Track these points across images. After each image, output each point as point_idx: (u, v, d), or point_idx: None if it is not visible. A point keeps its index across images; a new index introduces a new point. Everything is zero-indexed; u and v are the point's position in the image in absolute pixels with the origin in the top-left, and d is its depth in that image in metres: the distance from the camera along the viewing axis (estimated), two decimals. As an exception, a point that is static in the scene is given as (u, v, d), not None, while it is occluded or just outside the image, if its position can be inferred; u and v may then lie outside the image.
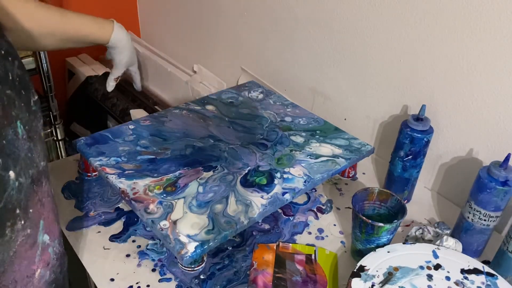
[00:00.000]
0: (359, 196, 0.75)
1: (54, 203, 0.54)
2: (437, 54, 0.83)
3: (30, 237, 0.47)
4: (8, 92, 0.43)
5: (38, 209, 0.49)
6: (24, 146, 0.45)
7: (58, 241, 0.56)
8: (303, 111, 0.99)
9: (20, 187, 0.44)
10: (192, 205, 0.72)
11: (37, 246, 0.50)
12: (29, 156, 0.46)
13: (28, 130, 0.46)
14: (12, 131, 0.43)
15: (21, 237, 0.46)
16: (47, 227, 0.51)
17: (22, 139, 0.45)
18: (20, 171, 0.44)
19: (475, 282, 0.64)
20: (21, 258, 0.47)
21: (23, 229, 0.46)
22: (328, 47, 1.02)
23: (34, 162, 0.48)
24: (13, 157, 0.43)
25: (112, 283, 0.68)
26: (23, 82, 0.46)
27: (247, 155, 0.84)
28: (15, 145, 0.44)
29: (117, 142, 0.84)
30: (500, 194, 0.70)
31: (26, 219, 0.46)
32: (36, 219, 0.48)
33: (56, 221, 0.55)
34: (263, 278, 0.70)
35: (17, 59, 0.46)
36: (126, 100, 1.50)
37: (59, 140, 1.39)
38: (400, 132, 0.83)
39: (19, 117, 0.45)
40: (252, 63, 1.26)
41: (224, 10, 1.28)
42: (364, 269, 0.66)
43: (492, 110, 0.79)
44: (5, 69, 0.43)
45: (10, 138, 0.43)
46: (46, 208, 0.51)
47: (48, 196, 0.52)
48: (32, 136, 0.47)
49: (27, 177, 0.46)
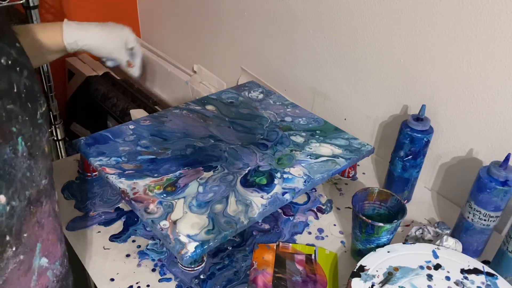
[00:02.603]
0: (359, 196, 0.75)
1: (57, 222, 0.51)
2: (437, 54, 0.83)
3: (23, 263, 0.44)
4: (9, 107, 0.40)
5: (35, 231, 0.46)
6: (23, 165, 0.42)
7: (60, 262, 0.52)
8: (303, 111, 0.99)
9: (11, 212, 0.41)
10: (192, 205, 0.72)
11: (32, 272, 0.47)
12: (27, 176, 0.43)
13: (29, 147, 0.43)
14: (11, 149, 0.40)
15: (12, 265, 0.43)
16: (45, 250, 0.48)
17: (22, 156, 0.42)
18: (13, 193, 0.41)
19: (475, 282, 0.64)
20: (13, 285, 0.44)
21: (15, 256, 0.43)
22: (328, 47, 1.02)
23: (34, 181, 0.44)
24: (7, 178, 0.40)
25: (112, 283, 0.68)
26: (31, 93, 0.44)
27: (248, 155, 0.84)
28: (12, 164, 0.40)
29: (117, 142, 0.84)
30: (500, 194, 0.70)
31: (19, 245, 0.43)
32: (31, 243, 0.45)
33: (58, 241, 0.52)
34: (263, 278, 0.70)
35: (26, 68, 0.43)
36: (126, 100, 1.50)
37: (59, 140, 1.39)
38: (400, 132, 0.83)
39: (21, 132, 0.42)
40: (252, 63, 1.26)
41: (224, 10, 1.28)
42: (364, 269, 0.66)
43: (492, 110, 0.79)
44: (10, 81, 0.41)
45: (6, 157, 0.40)
46: (46, 229, 0.48)
47: (49, 216, 0.49)
48: (34, 153, 0.44)
49: (22, 200, 0.42)
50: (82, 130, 1.69)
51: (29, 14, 1.19)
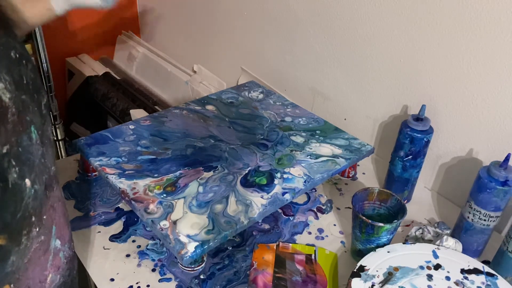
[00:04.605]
0: (359, 196, 0.75)
1: (64, 207, 0.54)
2: (437, 54, 0.83)
3: (44, 243, 0.48)
4: (23, 97, 0.42)
5: (51, 214, 0.49)
6: (38, 152, 0.45)
7: (69, 245, 0.56)
8: (303, 111, 0.99)
9: (35, 195, 0.44)
10: (192, 205, 0.72)
11: (50, 252, 0.50)
12: (42, 162, 0.46)
13: (41, 135, 0.45)
14: (27, 137, 0.43)
15: (35, 244, 0.46)
16: (59, 232, 0.51)
17: (36, 144, 0.44)
18: (35, 178, 0.44)
19: (475, 282, 0.64)
20: (35, 264, 0.47)
21: (38, 236, 0.46)
22: (328, 47, 1.02)
23: (47, 167, 0.47)
24: (28, 164, 0.43)
25: (112, 283, 0.68)
26: (35, 85, 0.46)
27: (248, 155, 0.84)
28: (30, 151, 0.43)
29: (118, 142, 0.84)
30: (500, 194, 0.70)
31: (41, 226, 0.46)
32: (49, 225, 0.48)
33: (66, 225, 0.55)
34: (263, 278, 0.70)
35: (30, 61, 0.45)
36: (126, 100, 1.50)
37: (59, 140, 1.39)
38: (400, 132, 0.83)
39: (33, 121, 0.44)
40: (252, 63, 1.26)
41: (224, 10, 1.28)
42: (364, 269, 0.66)
43: (492, 110, 0.79)
44: (20, 74, 0.43)
45: (25, 144, 0.42)
46: (58, 213, 0.51)
47: (59, 200, 0.52)
48: (44, 141, 0.46)
49: (41, 184, 0.45)
50: (82, 130, 1.69)
51: (29, 14, 1.19)
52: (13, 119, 0.40)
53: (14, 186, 0.41)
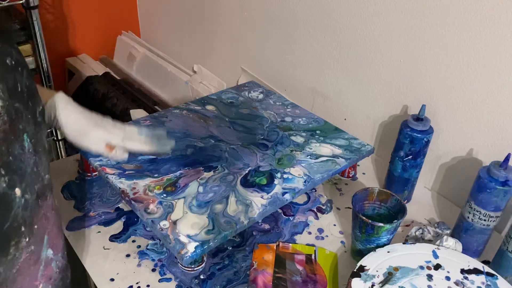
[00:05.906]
0: (359, 196, 0.75)
1: (58, 216, 0.54)
2: (437, 54, 0.83)
3: (34, 253, 0.47)
4: (16, 105, 0.42)
5: (43, 224, 0.48)
6: (30, 161, 0.44)
7: (62, 254, 0.55)
8: (303, 111, 0.99)
9: (25, 204, 0.43)
10: (192, 205, 0.72)
11: (41, 262, 0.49)
12: (34, 171, 0.45)
13: (34, 143, 0.45)
14: (19, 146, 0.42)
15: (25, 254, 0.45)
16: (51, 241, 0.51)
17: (28, 153, 0.44)
18: (26, 187, 0.43)
19: (475, 282, 0.64)
20: (24, 274, 0.46)
21: (27, 246, 0.45)
22: (328, 47, 1.02)
23: (39, 176, 0.47)
24: (19, 173, 0.42)
25: (112, 283, 0.68)
26: (31, 92, 0.45)
27: (248, 156, 0.84)
28: (22, 160, 0.43)
29: (117, 142, 0.84)
30: (500, 194, 0.70)
31: (31, 236, 0.46)
32: (40, 234, 0.48)
33: (60, 234, 0.54)
34: (263, 278, 0.70)
35: (26, 68, 0.45)
36: (126, 100, 1.50)
37: (59, 140, 1.39)
38: (400, 132, 0.82)
39: (26, 130, 0.44)
40: (252, 63, 1.26)
41: (224, 10, 1.28)
42: (364, 269, 0.66)
43: (492, 110, 0.79)
44: (15, 81, 0.42)
45: (17, 153, 0.42)
46: (51, 222, 0.50)
47: (52, 209, 0.51)
48: (38, 149, 0.46)
49: (32, 193, 0.45)
50: (82, 130, 1.68)
51: (29, 14, 1.20)
52: (5, 128, 0.40)
53: (3, 196, 0.40)
